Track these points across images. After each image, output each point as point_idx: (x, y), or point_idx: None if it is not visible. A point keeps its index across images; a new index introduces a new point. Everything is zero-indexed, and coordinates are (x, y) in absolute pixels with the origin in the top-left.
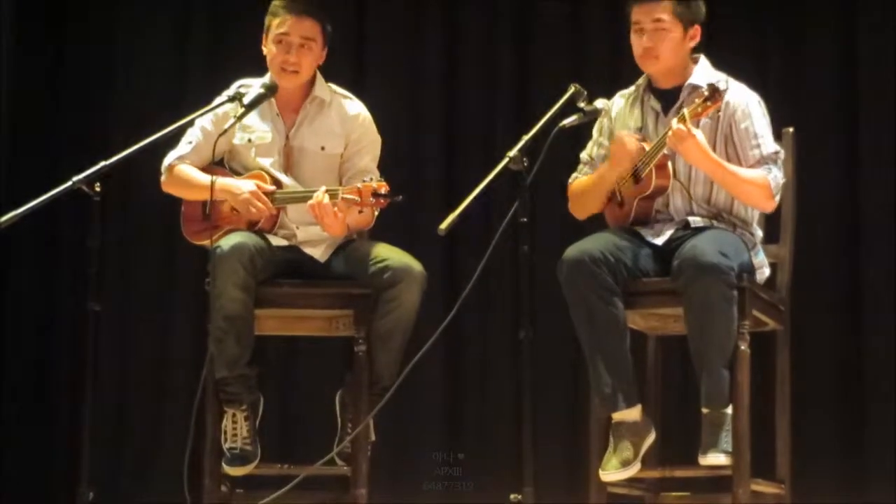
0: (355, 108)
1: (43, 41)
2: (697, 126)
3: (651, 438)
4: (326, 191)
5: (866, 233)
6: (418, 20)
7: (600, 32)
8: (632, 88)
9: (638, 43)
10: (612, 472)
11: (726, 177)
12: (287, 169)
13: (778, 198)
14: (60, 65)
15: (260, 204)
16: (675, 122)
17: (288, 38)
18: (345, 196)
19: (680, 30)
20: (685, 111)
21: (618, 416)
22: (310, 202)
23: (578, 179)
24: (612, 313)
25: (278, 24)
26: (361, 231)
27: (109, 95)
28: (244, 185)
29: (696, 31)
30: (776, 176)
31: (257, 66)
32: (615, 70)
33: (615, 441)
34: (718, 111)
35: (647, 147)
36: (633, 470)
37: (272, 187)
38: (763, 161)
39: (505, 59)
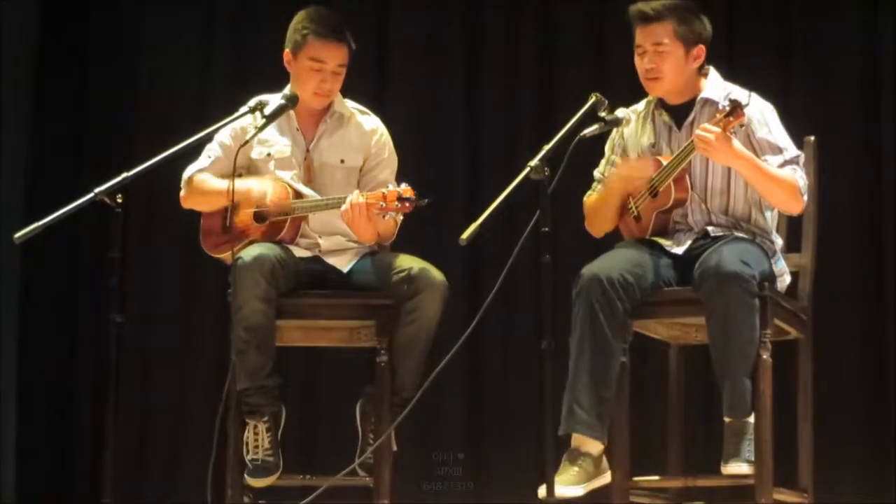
0: (372, 123)
1: (67, 55)
2: None
3: (604, 482)
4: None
5: (888, 241)
6: (440, 31)
7: (621, 42)
8: (642, 105)
9: (640, 65)
10: (562, 487)
11: (759, 174)
12: (307, 182)
13: (805, 198)
14: (84, 78)
15: (279, 186)
16: (697, 132)
17: (325, 65)
18: (370, 200)
19: (682, 50)
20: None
21: (580, 441)
22: (344, 207)
23: (591, 197)
24: (615, 347)
25: (316, 48)
26: (383, 244)
27: (132, 108)
28: (261, 182)
29: (700, 50)
30: (802, 176)
31: (280, 77)
32: (636, 80)
33: (570, 464)
34: (742, 125)
35: (664, 161)
36: (577, 492)
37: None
38: (788, 164)
39: (527, 69)
